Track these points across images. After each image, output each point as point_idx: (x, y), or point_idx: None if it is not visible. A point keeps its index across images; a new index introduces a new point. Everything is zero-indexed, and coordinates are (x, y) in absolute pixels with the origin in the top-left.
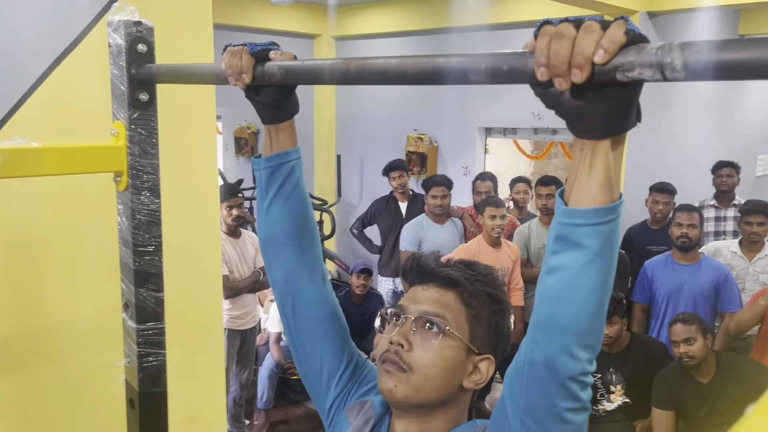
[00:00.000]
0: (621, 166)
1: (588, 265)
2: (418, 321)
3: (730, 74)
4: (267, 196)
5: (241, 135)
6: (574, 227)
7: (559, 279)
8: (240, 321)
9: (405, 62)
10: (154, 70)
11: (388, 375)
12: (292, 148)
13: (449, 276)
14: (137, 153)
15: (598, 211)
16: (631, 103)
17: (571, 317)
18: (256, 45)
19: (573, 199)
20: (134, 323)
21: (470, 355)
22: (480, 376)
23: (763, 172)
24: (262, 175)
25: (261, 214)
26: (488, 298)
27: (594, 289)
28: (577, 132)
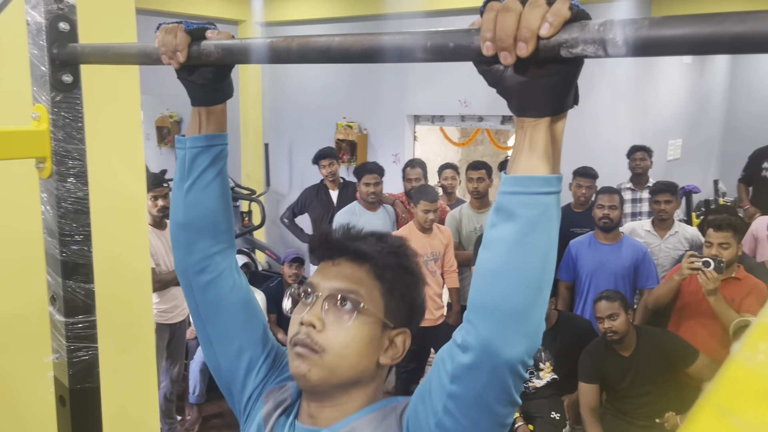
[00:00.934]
0: (561, 146)
1: (523, 237)
2: (330, 299)
3: (668, 49)
4: (189, 177)
5: (163, 124)
6: (512, 195)
7: (494, 252)
8: (169, 314)
9: (348, 40)
10: (78, 50)
11: (300, 359)
12: (221, 132)
13: (360, 250)
14: (61, 138)
15: (535, 180)
16: (572, 80)
17: (504, 293)
18: (192, 23)
19: (513, 171)
20: (62, 317)
21: (386, 330)
22: (396, 351)
23: (674, 156)
24: (186, 155)
25: (179, 196)
26: (402, 271)
27: (529, 263)
28: (518, 111)
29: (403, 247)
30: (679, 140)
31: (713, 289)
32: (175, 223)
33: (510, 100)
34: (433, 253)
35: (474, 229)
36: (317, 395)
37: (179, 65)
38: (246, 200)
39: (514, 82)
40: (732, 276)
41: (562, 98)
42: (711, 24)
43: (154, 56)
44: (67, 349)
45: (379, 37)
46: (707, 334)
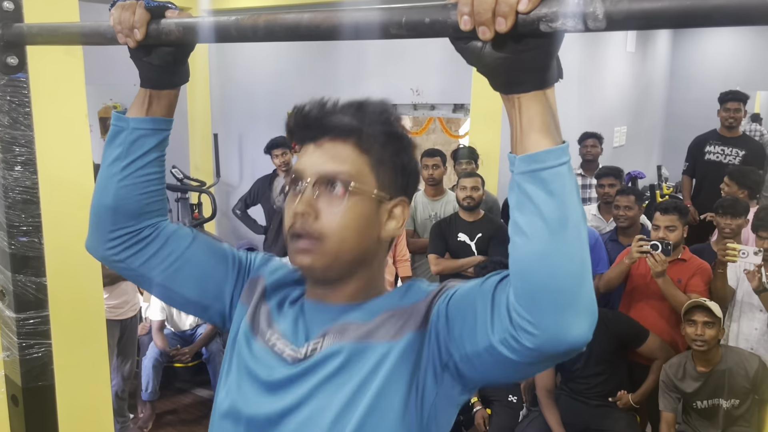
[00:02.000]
0: (557, 113)
1: (556, 211)
2: (319, 184)
3: (648, 23)
4: (127, 157)
5: (107, 115)
6: (533, 173)
7: (533, 235)
8: (119, 310)
9: (319, 16)
10: (25, 30)
11: (302, 252)
12: (169, 118)
13: (341, 125)
14: (7, 123)
15: (551, 153)
16: (551, 54)
17: (557, 275)
18: (151, 1)
19: (521, 150)
20: (13, 312)
21: (382, 204)
22: (397, 222)
23: (619, 142)
24: (129, 136)
25: (111, 175)
26: (388, 138)
27: (568, 238)
28: (502, 87)
29: (385, 112)
30: (624, 127)
31: (661, 271)
32: (100, 204)
33: (491, 77)
34: None
35: (429, 216)
36: (325, 281)
37: (136, 44)
38: (195, 192)
39: (494, 58)
40: (678, 257)
41: (544, 72)
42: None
43: (108, 35)
44: (18, 346)
45: (351, 13)
46: (656, 314)
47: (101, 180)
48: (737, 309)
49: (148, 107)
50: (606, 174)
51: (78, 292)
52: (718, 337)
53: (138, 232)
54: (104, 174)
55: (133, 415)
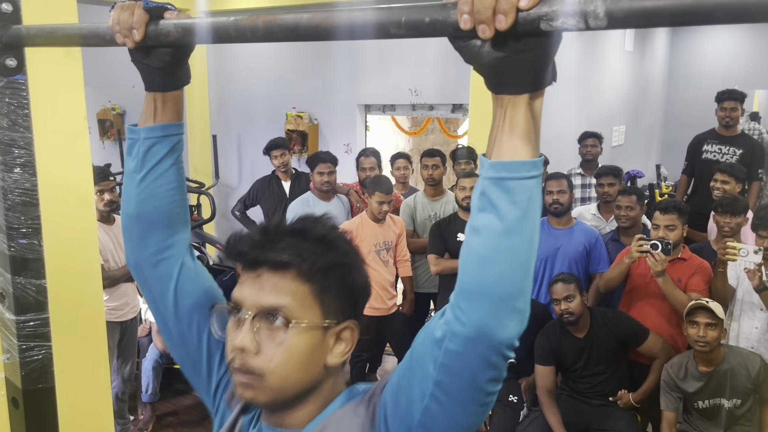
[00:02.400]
0: (540, 123)
1: (513, 222)
2: (258, 318)
3: (649, 21)
4: (142, 168)
5: (106, 117)
6: (499, 181)
7: (484, 238)
8: (119, 312)
9: (318, 17)
10: (23, 32)
11: (243, 387)
12: (177, 122)
13: (278, 260)
14: (6, 126)
15: (524, 164)
16: (549, 55)
17: (499, 277)
18: (150, 1)
19: (495, 153)
20: (13, 315)
21: (328, 331)
22: (345, 345)
23: (618, 142)
24: (140, 146)
25: (131, 187)
26: (331, 264)
27: (520, 247)
28: (496, 87)
29: (327, 236)
30: (623, 127)
31: (661, 270)
32: (127, 215)
33: (487, 76)
34: (386, 242)
35: (429, 216)
36: (273, 410)
37: (134, 44)
38: (195, 193)
39: (492, 57)
40: (678, 257)
41: (540, 74)
42: None
43: (107, 37)
44: (18, 348)
45: (351, 13)
46: (656, 313)
47: (124, 190)
48: (738, 308)
49: (155, 113)
50: (605, 173)
51: (78, 293)
52: (720, 338)
53: (168, 248)
54: (126, 185)
55: (134, 416)
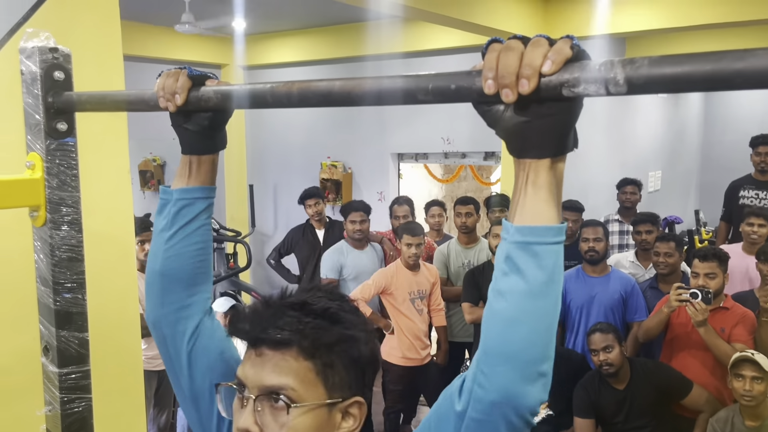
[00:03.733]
0: (562, 188)
1: (539, 287)
2: (261, 399)
3: (669, 87)
4: (172, 227)
5: (147, 168)
6: (526, 246)
7: (510, 302)
8: (156, 361)
9: (350, 84)
10: (74, 98)
11: None
12: (210, 185)
13: (278, 339)
14: (56, 185)
15: (551, 230)
16: (572, 120)
17: (525, 341)
18: (195, 69)
19: (519, 218)
20: (56, 367)
21: (334, 407)
22: (353, 422)
23: (655, 187)
24: (171, 207)
25: (159, 244)
26: (334, 339)
27: (546, 311)
28: (518, 152)
29: (330, 309)
30: (659, 172)
31: (703, 320)
32: (152, 271)
33: (509, 141)
34: (420, 291)
35: (462, 264)
36: None
37: (176, 108)
38: (231, 242)
39: (514, 122)
40: (720, 306)
41: (562, 139)
42: (710, 62)
43: (151, 102)
44: (60, 400)
45: (380, 80)
46: (699, 364)
47: (152, 247)
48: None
49: (189, 175)
50: (642, 221)
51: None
52: (767, 392)
53: (187, 306)
54: (153, 242)
55: None
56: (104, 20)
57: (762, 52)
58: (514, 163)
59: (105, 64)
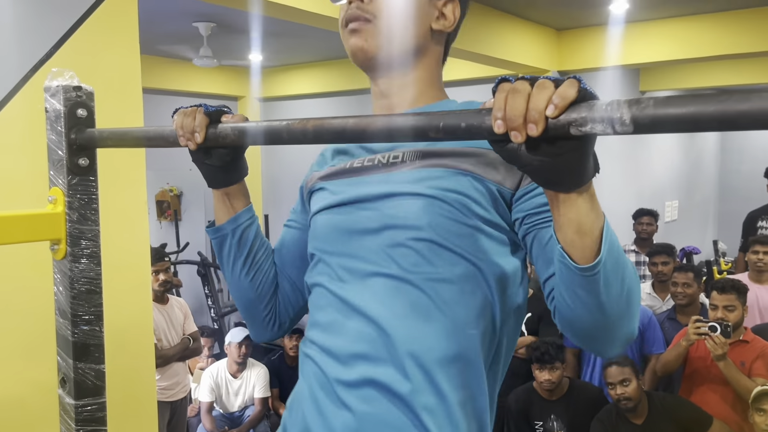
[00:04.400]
0: (596, 210)
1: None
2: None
3: (674, 127)
4: (241, 256)
5: (164, 198)
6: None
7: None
8: (170, 392)
9: (363, 122)
10: (96, 135)
11: (355, 35)
12: (250, 204)
13: None
14: (76, 219)
15: (593, 266)
16: (585, 156)
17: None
18: (209, 106)
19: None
20: (72, 399)
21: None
22: (447, 21)
23: (671, 217)
24: (231, 240)
25: (239, 278)
26: None
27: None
28: (543, 184)
29: None
30: (676, 201)
31: (722, 354)
32: (246, 302)
33: (531, 175)
34: None
35: None
36: (381, 69)
37: (196, 146)
38: None
39: (530, 159)
40: (740, 339)
41: (581, 172)
42: (714, 103)
43: (171, 139)
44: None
45: (393, 118)
46: (719, 399)
47: (234, 287)
48: None
49: (229, 206)
50: (658, 252)
51: (132, 374)
52: None
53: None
54: (232, 280)
55: None
56: (125, 57)
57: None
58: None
59: (125, 100)
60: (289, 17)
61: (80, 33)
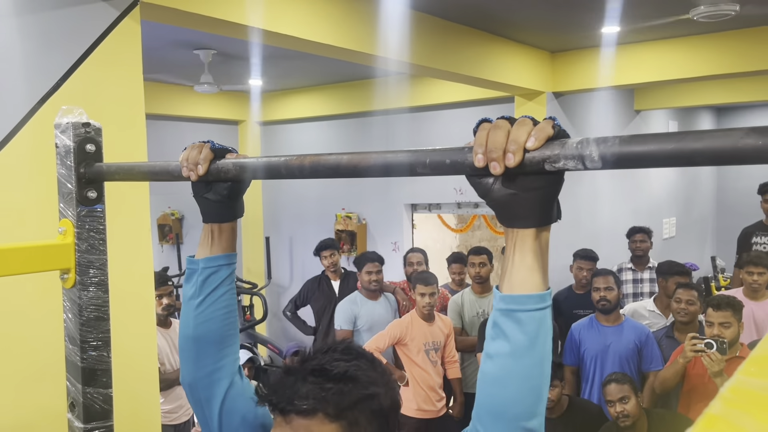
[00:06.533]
0: (548, 256)
1: (523, 350)
2: None
3: (637, 163)
4: (200, 295)
5: (165, 222)
6: (510, 313)
7: (496, 364)
8: (173, 415)
9: (356, 158)
10: (104, 169)
11: None
12: (231, 252)
13: (304, 409)
14: (85, 249)
15: (531, 298)
16: (554, 194)
17: (511, 399)
18: (217, 144)
19: (506, 286)
20: (81, 423)
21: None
22: None
23: (669, 234)
24: (199, 276)
25: (189, 311)
26: (355, 399)
27: (531, 372)
28: (506, 221)
29: (348, 371)
30: (673, 218)
31: (719, 370)
32: (185, 337)
33: (498, 211)
34: (434, 342)
35: (477, 314)
36: None
37: (197, 177)
38: (247, 294)
39: (502, 193)
40: (737, 355)
41: (546, 211)
42: (672, 141)
43: (175, 173)
44: None
45: (384, 155)
46: None
47: (183, 315)
48: None
49: (212, 244)
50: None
51: (136, 398)
52: None
53: (220, 368)
54: (184, 310)
55: None
56: (129, 88)
57: (719, 134)
58: (504, 232)
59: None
60: (288, 45)
61: (85, 66)
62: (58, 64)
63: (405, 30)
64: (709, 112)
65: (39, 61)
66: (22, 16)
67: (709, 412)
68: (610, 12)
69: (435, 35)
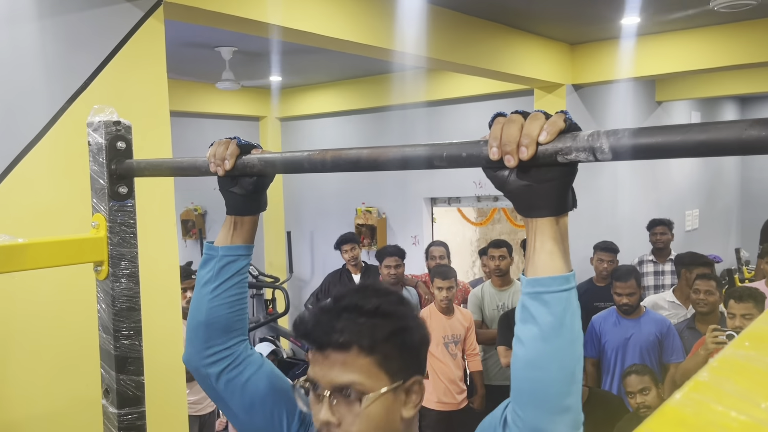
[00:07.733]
0: (568, 241)
1: (554, 331)
2: (334, 394)
3: (646, 154)
4: (216, 281)
5: (188, 217)
6: (538, 295)
7: (528, 347)
8: (198, 406)
9: (376, 152)
10: (134, 165)
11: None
12: (250, 244)
13: (340, 341)
14: (117, 242)
15: (556, 279)
16: (567, 184)
17: (544, 381)
18: (243, 140)
19: (531, 270)
20: (115, 408)
21: (398, 390)
22: (416, 397)
23: (692, 226)
24: (218, 263)
25: (203, 297)
26: (389, 333)
27: (562, 354)
28: (523, 211)
29: (380, 306)
30: (696, 210)
31: None
32: (196, 321)
33: (515, 202)
34: (454, 335)
35: (497, 307)
36: None
37: (224, 173)
38: (270, 288)
39: (517, 185)
40: None
41: (561, 200)
42: (679, 133)
43: (203, 168)
44: None
45: (403, 149)
46: None
47: (195, 299)
48: None
49: (233, 234)
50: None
51: (164, 389)
52: None
53: (227, 348)
54: (197, 294)
55: None
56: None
57: (722, 125)
58: (524, 222)
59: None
60: (307, 42)
61: (112, 66)
62: (85, 64)
63: (423, 24)
64: (732, 102)
65: (67, 62)
66: (51, 18)
67: (697, 379)
68: (630, 3)
69: (453, 29)
